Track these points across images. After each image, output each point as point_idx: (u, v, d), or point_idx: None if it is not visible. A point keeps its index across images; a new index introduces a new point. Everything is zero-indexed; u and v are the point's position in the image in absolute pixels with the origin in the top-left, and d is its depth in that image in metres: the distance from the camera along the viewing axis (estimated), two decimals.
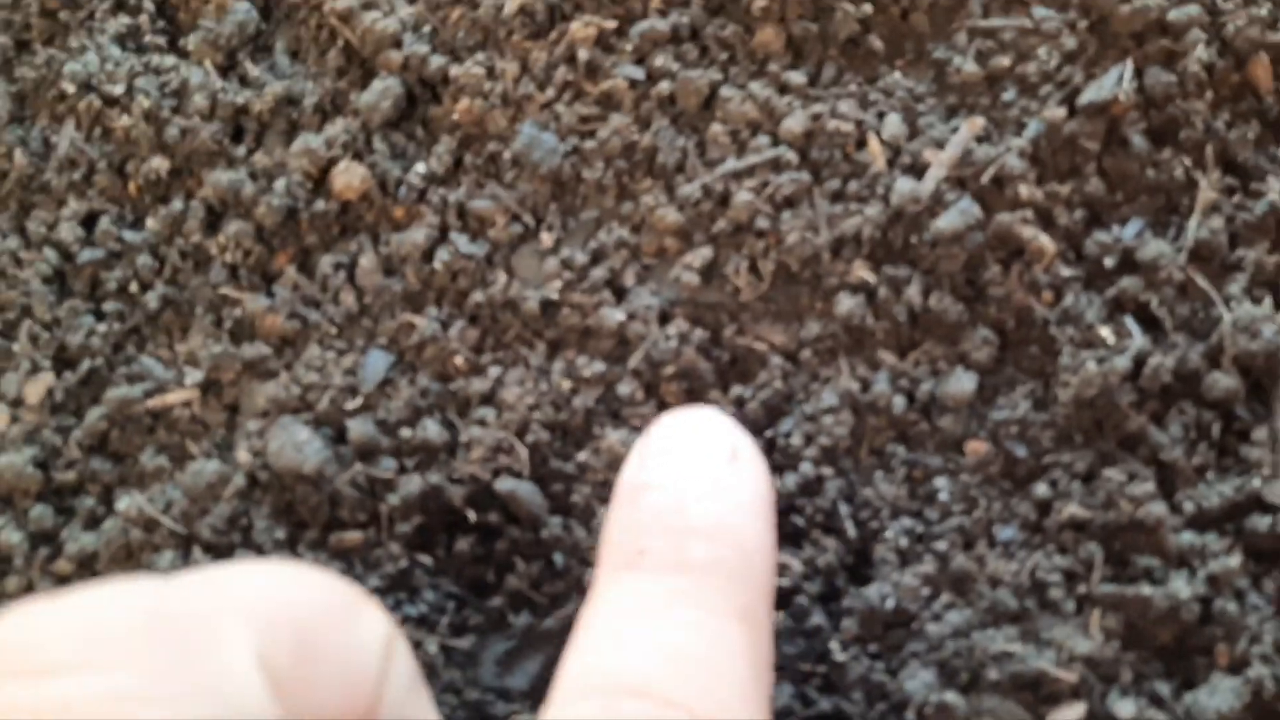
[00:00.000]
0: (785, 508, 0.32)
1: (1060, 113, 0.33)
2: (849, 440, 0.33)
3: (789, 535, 0.32)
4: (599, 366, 0.33)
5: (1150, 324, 0.33)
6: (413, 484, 0.32)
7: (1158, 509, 0.31)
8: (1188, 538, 0.31)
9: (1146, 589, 0.30)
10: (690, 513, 0.26)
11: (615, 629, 0.25)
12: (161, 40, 0.37)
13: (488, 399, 0.34)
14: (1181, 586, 0.30)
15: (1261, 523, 0.31)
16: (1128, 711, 0.30)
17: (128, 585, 0.20)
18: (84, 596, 0.20)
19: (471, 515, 0.33)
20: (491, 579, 0.33)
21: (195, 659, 0.19)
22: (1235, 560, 0.30)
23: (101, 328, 0.35)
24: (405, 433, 0.33)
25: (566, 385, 0.33)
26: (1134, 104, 0.34)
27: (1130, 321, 0.33)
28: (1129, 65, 0.34)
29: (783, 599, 0.32)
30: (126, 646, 0.19)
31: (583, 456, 0.33)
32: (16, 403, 0.35)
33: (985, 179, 0.33)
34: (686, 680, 0.24)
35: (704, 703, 0.23)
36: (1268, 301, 0.32)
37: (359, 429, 0.33)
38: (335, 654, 0.22)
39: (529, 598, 0.33)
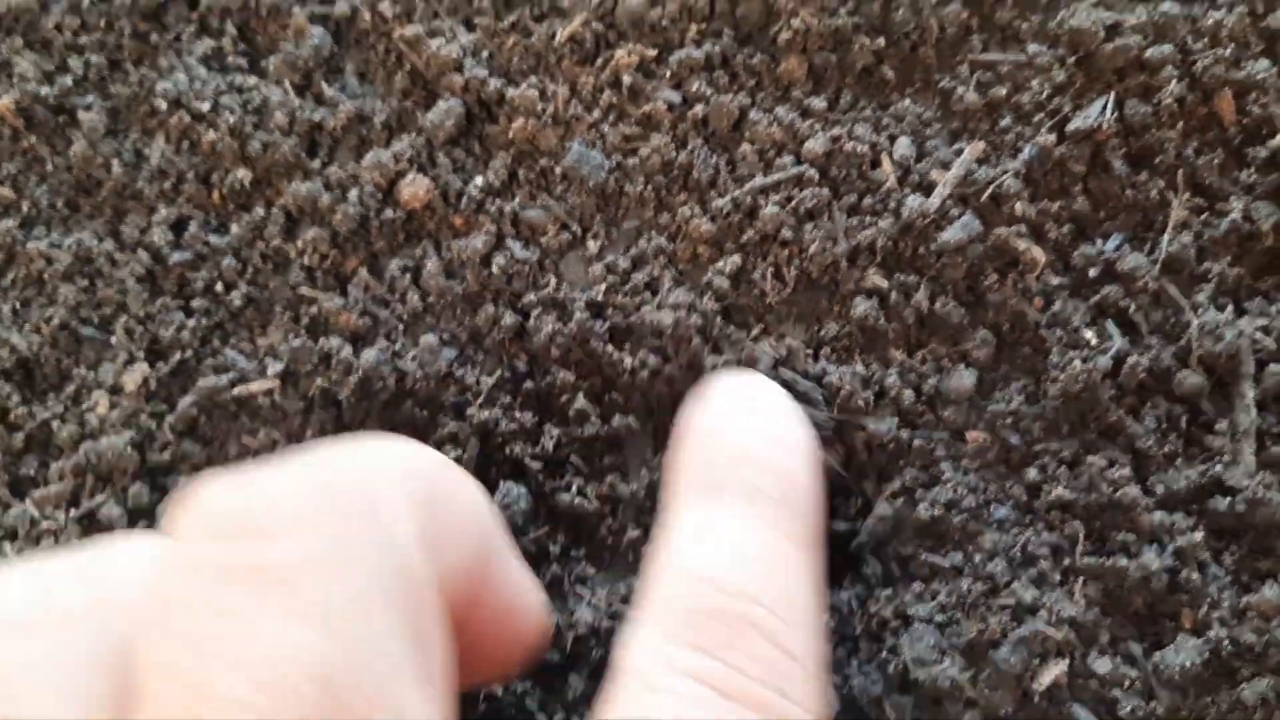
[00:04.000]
0: None
1: (1051, 138, 0.37)
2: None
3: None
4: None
5: (1128, 327, 0.37)
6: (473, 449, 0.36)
7: (1133, 491, 0.35)
8: (1159, 516, 0.35)
9: (1122, 561, 0.34)
10: (763, 455, 0.31)
11: (700, 537, 0.29)
12: (243, 61, 0.39)
13: None
14: (1152, 559, 0.34)
15: (1222, 503, 0.35)
16: (1105, 668, 0.34)
17: (303, 461, 0.24)
18: (271, 472, 0.23)
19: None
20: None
21: (368, 523, 0.22)
22: (1199, 536, 0.34)
23: (190, 323, 0.38)
24: (469, 413, 0.37)
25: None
26: (1115, 132, 0.37)
27: (1111, 325, 0.37)
28: (1111, 97, 0.37)
29: None
30: (313, 514, 0.22)
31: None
32: (115, 390, 0.38)
33: (985, 197, 0.37)
34: (762, 581, 0.28)
35: (775, 601, 0.28)
36: (1229, 308, 0.36)
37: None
38: (457, 509, 0.26)
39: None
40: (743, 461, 0.31)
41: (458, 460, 0.36)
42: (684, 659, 0.26)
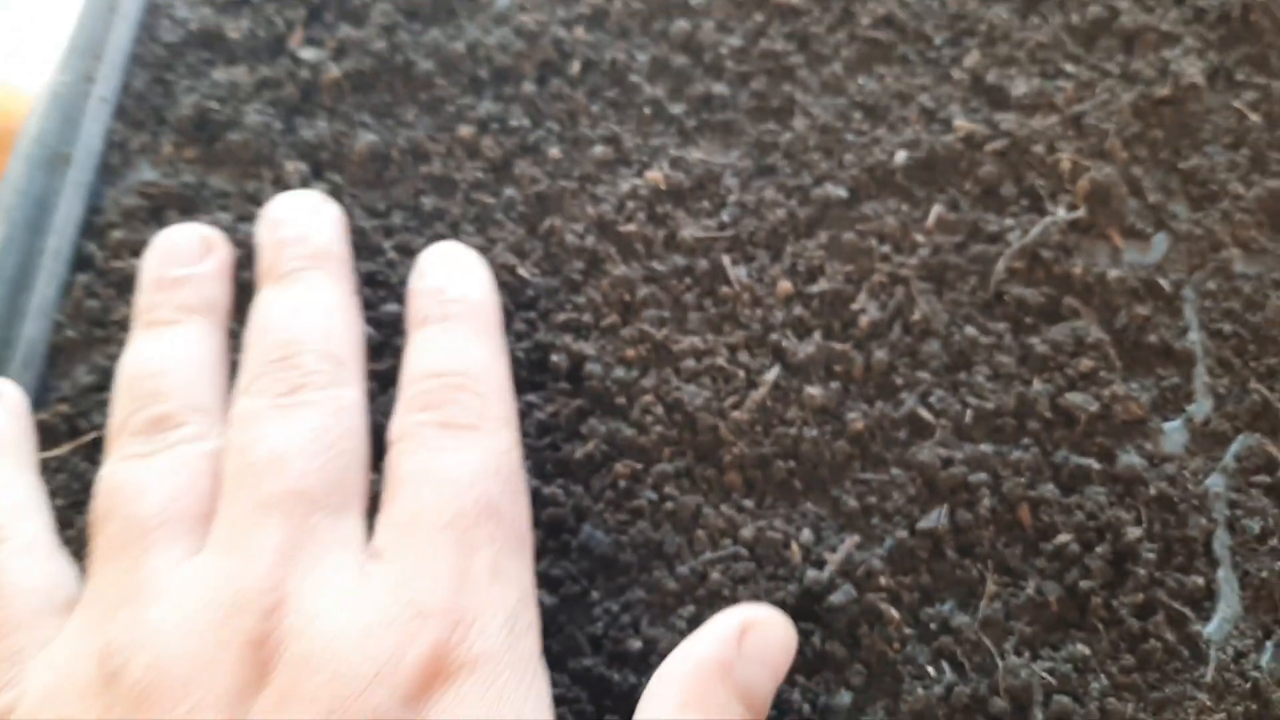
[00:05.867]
0: None
1: (905, 534, 0.55)
2: None
3: None
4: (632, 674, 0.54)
5: (957, 666, 0.53)
6: None
7: None
8: None
9: None
10: (448, 288, 0.50)
11: (420, 349, 0.48)
12: None
13: None
14: None
15: None
16: None
17: None
18: None
19: None
20: None
21: None
22: None
23: None
24: None
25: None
26: (948, 531, 0.56)
27: (945, 664, 0.54)
28: (945, 507, 0.56)
29: None
30: None
31: None
32: None
33: (860, 573, 0.55)
34: (463, 366, 0.47)
35: (478, 380, 0.47)
36: (1026, 655, 0.54)
37: None
38: None
39: None
40: (438, 297, 0.49)
41: None
42: (416, 416, 0.45)
